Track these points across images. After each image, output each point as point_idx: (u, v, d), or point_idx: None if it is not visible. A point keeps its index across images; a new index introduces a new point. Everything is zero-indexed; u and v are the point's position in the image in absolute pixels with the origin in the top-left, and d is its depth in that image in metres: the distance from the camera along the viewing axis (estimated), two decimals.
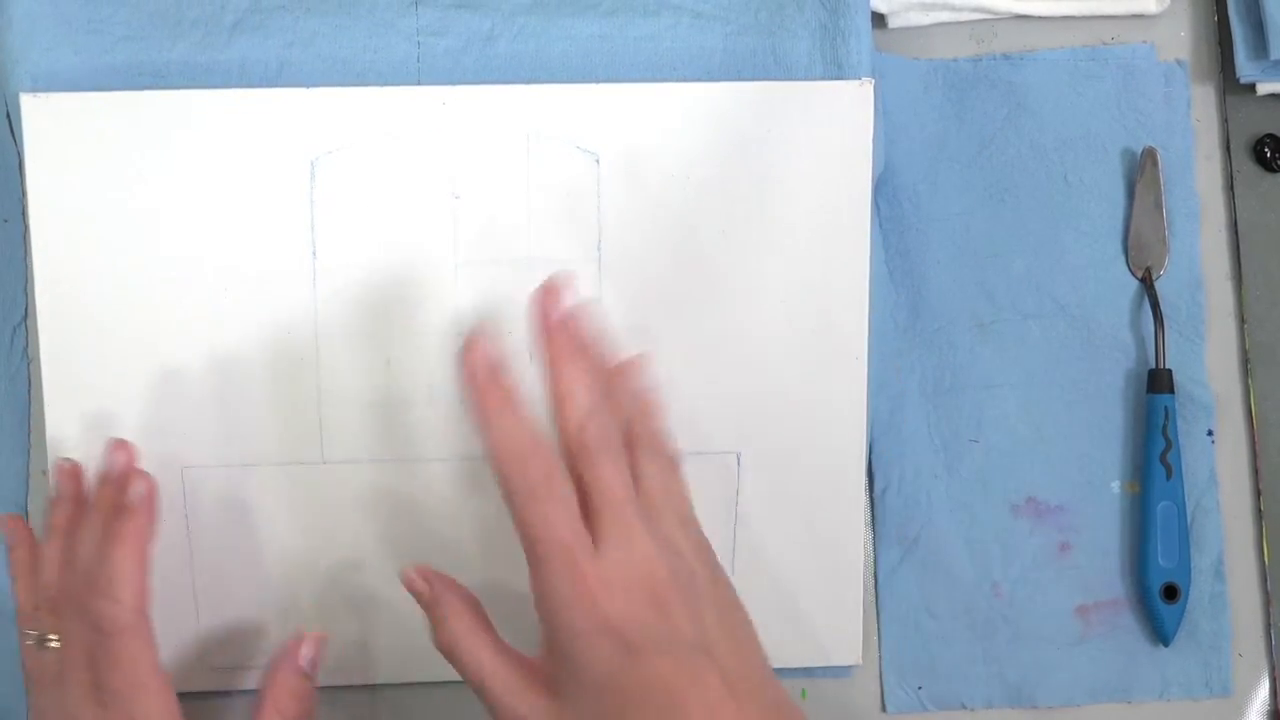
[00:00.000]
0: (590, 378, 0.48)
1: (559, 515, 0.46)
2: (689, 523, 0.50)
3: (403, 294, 0.60)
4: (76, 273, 0.58)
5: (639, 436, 0.50)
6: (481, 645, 0.48)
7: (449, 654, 0.49)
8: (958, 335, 0.64)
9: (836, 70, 0.62)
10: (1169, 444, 0.62)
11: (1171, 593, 0.62)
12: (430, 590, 0.50)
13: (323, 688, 0.57)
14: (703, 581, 0.48)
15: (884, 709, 0.63)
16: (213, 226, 0.59)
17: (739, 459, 0.61)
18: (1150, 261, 0.64)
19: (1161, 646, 0.63)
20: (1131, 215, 0.64)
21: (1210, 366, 0.65)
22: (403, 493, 0.60)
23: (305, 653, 0.55)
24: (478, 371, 0.47)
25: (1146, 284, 0.64)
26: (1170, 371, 0.63)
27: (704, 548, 0.49)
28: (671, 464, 0.50)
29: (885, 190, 0.64)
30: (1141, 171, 0.64)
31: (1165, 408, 0.62)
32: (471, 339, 0.48)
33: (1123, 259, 0.64)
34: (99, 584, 0.52)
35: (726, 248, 0.60)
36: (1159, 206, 0.64)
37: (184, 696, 0.60)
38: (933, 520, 0.63)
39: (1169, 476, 0.62)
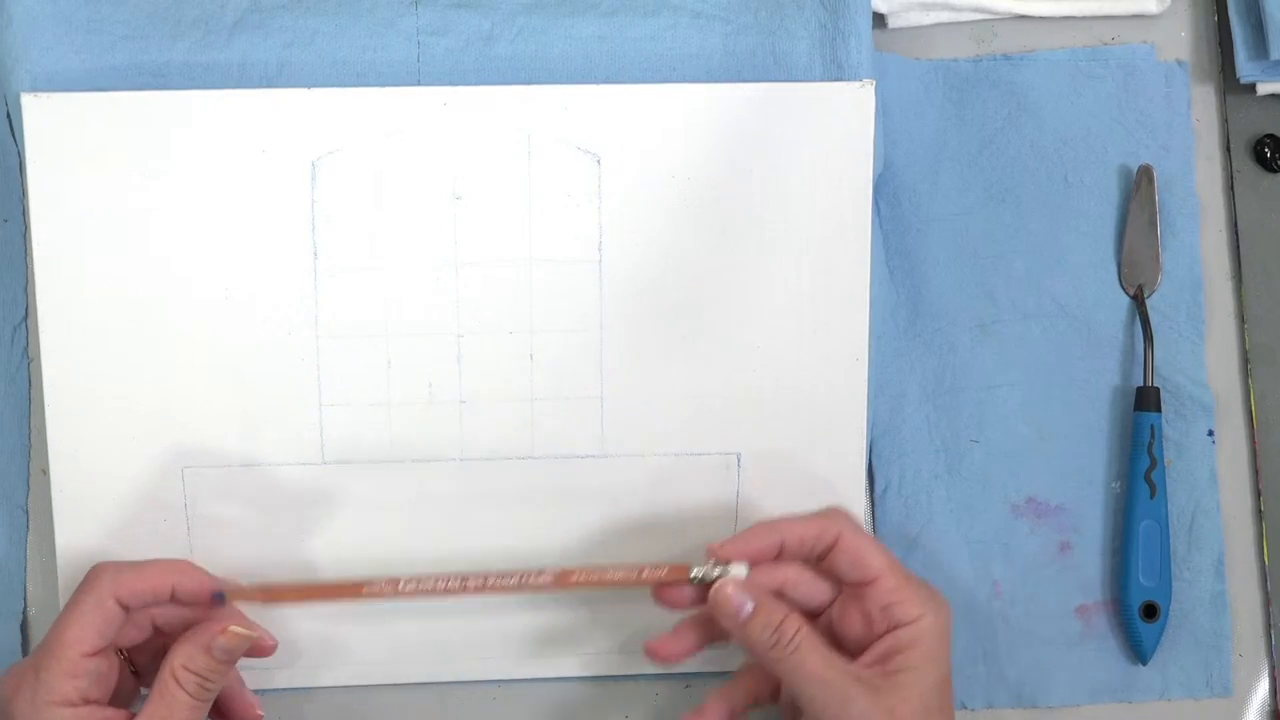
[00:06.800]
0: None
1: None
2: None
3: (403, 294, 0.60)
4: (76, 273, 0.58)
5: None
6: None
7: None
8: (958, 335, 0.64)
9: (836, 70, 0.62)
10: (1154, 462, 0.62)
11: (1151, 611, 0.62)
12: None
13: (321, 688, 0.57)
14: None
15: None
16: (213, 227, 0.59)
17: (739, 459, 0.61)
18: (1143, 280, 0.64)
19: (1160, 650, 0.63)
20: (1125, 233, 0.64)
21: (1210, 366, 0.65)
22: (402, 493, 0.60)
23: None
24: None
25: (1138, 302, 0.64)
26: (1158, 390, 0.63)
27: None
28: None
29: (885, 190, 0.64)
30: (1136, 189, 0.64)
31: (1151, 426, 0.62)
32: None
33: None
34: None
35: (727, 248, 0.60)
36: (1153, 225, 0.64)
37: None
38: (933, 520, 0.63)
39: (1152, 495, 0.62)
